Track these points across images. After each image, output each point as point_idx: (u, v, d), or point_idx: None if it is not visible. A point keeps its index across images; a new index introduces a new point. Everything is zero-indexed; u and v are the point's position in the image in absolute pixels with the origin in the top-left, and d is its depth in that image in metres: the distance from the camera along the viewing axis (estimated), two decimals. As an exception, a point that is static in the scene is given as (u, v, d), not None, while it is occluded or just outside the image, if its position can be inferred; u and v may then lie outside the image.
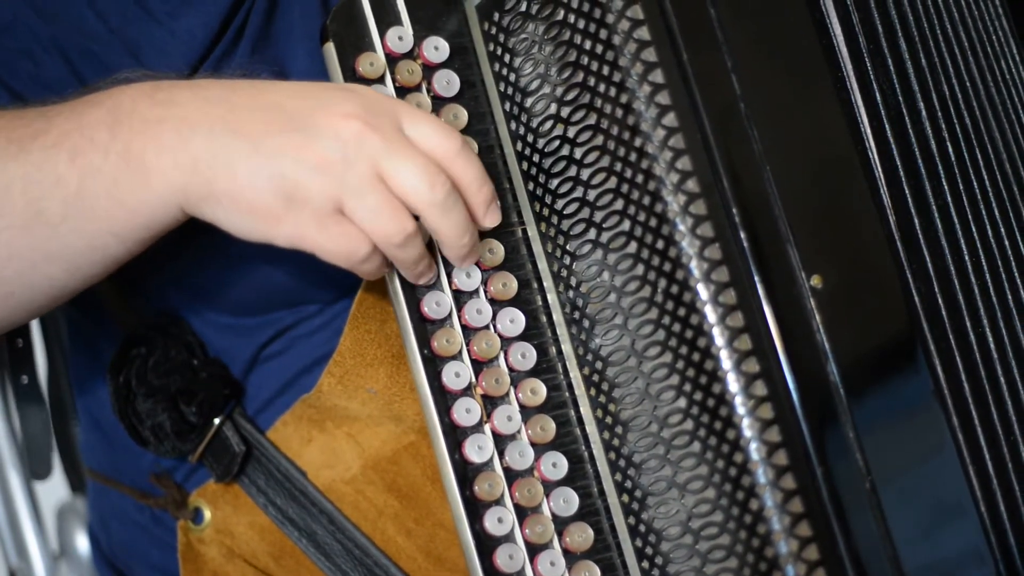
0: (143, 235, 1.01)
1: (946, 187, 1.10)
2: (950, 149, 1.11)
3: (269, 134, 0.97)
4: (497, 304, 1.07)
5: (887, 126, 1.08)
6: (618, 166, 1.04)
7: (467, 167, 1.02)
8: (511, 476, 1.05)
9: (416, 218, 1.00)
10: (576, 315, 1.06)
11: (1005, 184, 1.13)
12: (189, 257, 1.14)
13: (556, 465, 1.06)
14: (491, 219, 1.04)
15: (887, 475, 1.01)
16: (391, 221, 0.98)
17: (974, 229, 1.10)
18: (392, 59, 1.08)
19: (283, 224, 0.97)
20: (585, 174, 1.05)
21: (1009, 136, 1.15)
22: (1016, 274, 1.12)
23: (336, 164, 0.97)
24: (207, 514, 1.21)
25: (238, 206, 0.97)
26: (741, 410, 1.00)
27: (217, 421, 1.18)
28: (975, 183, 1.11)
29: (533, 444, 1.06)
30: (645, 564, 1.04)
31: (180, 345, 1.18)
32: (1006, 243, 1.12)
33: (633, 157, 1.03)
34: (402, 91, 1.07)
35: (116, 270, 1.03)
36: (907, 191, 1.07)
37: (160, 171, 0.98)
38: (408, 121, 1.00)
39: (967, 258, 1.09)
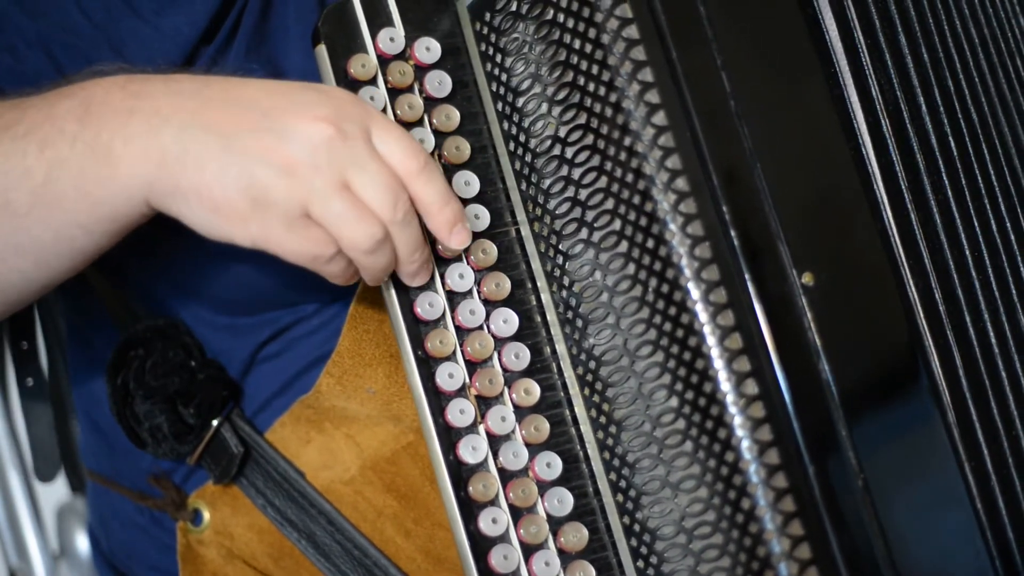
0: (109, 227, 1.00)
1: (947, 182, 1.09)
2: (952, 144, 1.10)
3: (240, 132, 0.97)
4: (490, 304, 1.07)
5: (884, 121, 1.07)
6: (609, 165, 1.03)
7: (428, 187, 1.01)
8: (505, 477, 1.05)
9: None
10: (569, 315, 1.06)
11: (1013, 179, 1.13)
12: (173, 252, 1.14)
13: (550, 465, 1.06)
14: (456, 240, 1.03)
15: (880, 472, 1.00)
16: (359, 227, 0.98)
17: (977, 224, 1.10)
18: (384, 60, 1.08)
19: (248, 224, 0.97)
20: (576, 173, 1.05)
21: (1020, 131, 1.14)
22: (1021, 269, 1.11)
23: (304, 167, 0.97)
24: (206, 515, 1.21)
25: (203, 203, 0.97)
26: (733, 409, 1.00)
27: (215, 423, 1.18)
28: (980, 178, 1.10)
29: (527, 444, 1.06)
30: (640, 564, 1.04)
31: (178, 347, 1.18)
32: (1012, 238, 1.11)
33: (623, 156, 1.03)
34: (394, 92, 1.07)
35: (108, 267, 1.03)
36: (904, 187, 1.07)
37: (127, 161, 0.97)
38: (377, 132, 1.00)
39: (968, 253, 1.09)
